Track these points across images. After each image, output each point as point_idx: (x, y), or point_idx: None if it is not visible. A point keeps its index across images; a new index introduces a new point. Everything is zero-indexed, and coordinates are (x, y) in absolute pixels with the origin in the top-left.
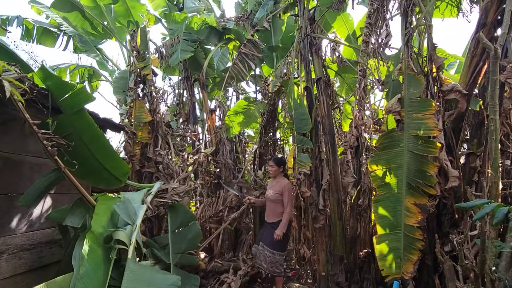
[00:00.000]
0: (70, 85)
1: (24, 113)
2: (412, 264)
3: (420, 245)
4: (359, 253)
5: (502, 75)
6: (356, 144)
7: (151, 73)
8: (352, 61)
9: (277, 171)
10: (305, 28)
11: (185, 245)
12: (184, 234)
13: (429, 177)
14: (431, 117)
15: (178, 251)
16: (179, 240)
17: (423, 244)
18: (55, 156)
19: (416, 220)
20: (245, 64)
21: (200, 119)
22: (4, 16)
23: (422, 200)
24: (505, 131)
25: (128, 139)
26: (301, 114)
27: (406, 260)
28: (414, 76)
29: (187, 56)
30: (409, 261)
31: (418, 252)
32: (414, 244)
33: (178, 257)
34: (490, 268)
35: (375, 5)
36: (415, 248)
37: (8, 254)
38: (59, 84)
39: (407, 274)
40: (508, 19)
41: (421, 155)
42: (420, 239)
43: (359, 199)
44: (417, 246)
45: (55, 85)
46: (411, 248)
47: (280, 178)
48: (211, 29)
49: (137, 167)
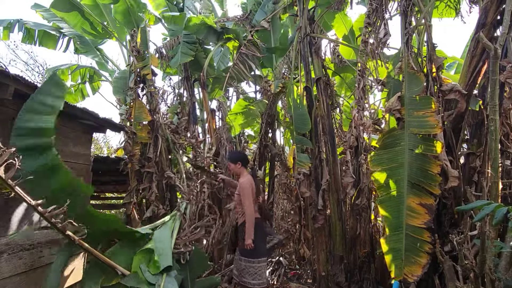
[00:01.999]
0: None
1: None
2: (421, 267)
3: (427, 248)
4: (359, 253)
5: (502, 75)
6: (355, 144)
7: (150, 73)
8: (350, 61)
9: (235, 169)
10: (305, 28)
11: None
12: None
13: (432, 175)
14: (432, 115)
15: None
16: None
17: (430, 247)
18: (67, 231)
19: (423, 221)
20: (245, 64)
21: (200, 119)
22: (6, 22)
23: (428, 200)
24: (505, 131)
25: (128, 139)
26: (301, 114)
27: (412, 262)
28: (414, 74)
29: (188, 59)
30: (416, 264)
31: (427, 254)
32: (421, 246)
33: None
34: (490, 268)
35: (374, 4)
36: (422, 250)
37: (8, 254)
38: None
39: (412, 277)
40: (508, 19)
41: (422, 154)
42: (427, 241)
43: (359, 199)
44: (424, 249)
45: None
46: (417, 250)
47: (242, 177)
48: (210, 28)
49: (136, 167)
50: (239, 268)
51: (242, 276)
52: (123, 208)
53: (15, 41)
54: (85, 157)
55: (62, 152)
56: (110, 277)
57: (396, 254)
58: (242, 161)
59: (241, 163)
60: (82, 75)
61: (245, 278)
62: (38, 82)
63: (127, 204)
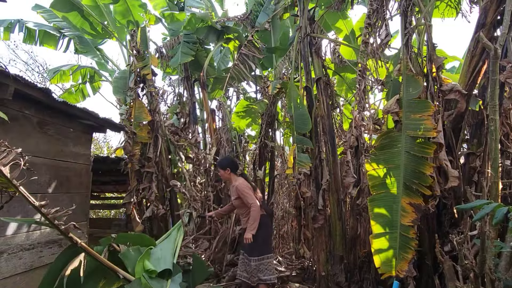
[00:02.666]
0: None
1: None
2: (407, 262)
3: (414, 244)
4: (359, 253)
5: (502, 75)
6: (356, 144)
7: (150, 73)
8: (351, 61)
9: (225, 175)
10: (305, 28)
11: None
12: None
13: (425, 177)
14: (429, 118)
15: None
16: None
17: (416, 243)
18: (70, 233)
19: (411, 219)
20: (245, 64)
21: (200, 119)
22: (7, 22)
23: (417, 200)
24: (505, 131)
25: (128, 139)
26: (301, 114)
27: (401, 259)
28: (413, 77)
29: (188, 59)
30: (403, 260)
31: (413, 250)
32: (408, 243)
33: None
34: (490, 268)
35: (374, 5)
36: (410, 247)
37: (8, 254)
38: None
39: (401, 273)
40: (508, 19)
41: (418, 156)
42: (413, 238)
43: (359, 199)
44: (411, 245)
45: None
46: (406, 247)
47: (234, 181)
48: (210, 28)
49: (136, 167)
50: (249, 269)
51: (253, 276)
52: (123, 208)
53: (15, 41)
54: (85, 157)
55: (62, 152)
56: (111, 281)
57: (391, 252)
58: (231, 167)
59: (230, 169)
60: (83, 75)
61: (257, 276)
62: (38, 82)
63: (127, 204)
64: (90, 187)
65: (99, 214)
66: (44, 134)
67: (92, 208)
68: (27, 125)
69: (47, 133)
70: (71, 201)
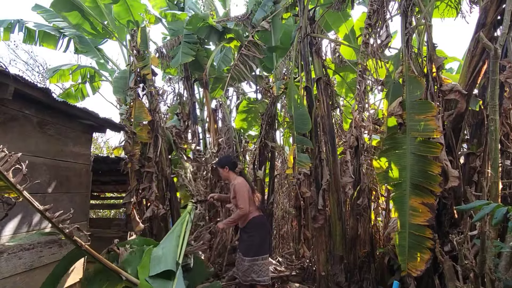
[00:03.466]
0: None
1: None
2: (424, 262)
3: (430, 244)
4: (359, 253)
5: (502, 75)
6: (355, 144)
7: (151, 73)
8: (351, 61)
9: (224, 173)
10: (305, 28)
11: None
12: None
13: (433, 176)
14: (432, 119)
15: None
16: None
17: (432, 243)
18: (73, 236)
19: (425, 219)
20: (246, 65)
21: (200, 119)
22: (7, 22)
23: (430, 200)
24: (505, 131)
25: (128, 139)
26: (301, 114)
27: (415, 258)
28: (415, 78)
29: (189, 59)
30: (420, 260)
31: (429, 251)
32: (424, 243)
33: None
34: (490, 268)
35: (375, 5)
36: (425, 246)
37: (8, 254)
38: None
39: (415, 272)
40: (508, 19)
41: (424, 156)
42: (430, 238)
43: (359, 199)
44: (427, 245)
45: None
46: (421, 247)
47: (233, 180)
48: (211, 28)
49: (136, 167)
50: (243, 269)
51: (247, 275)
52: (123, 208)
53: (15, 41)
54: (85, 157)
55: (62, 152)
56: (114, 283)
57: (402, 250)
58: (229, 165)
59: (228, 167)
60: (83, 75)
61: (250, 276)
62: (38, 82)
63: (127, 204)
64: (90, 187)
65: (99, 214)
66: (44, 134)
67: (92, 208)
68: (27, 125)
69: (47, 133)
70: (71, 201)
